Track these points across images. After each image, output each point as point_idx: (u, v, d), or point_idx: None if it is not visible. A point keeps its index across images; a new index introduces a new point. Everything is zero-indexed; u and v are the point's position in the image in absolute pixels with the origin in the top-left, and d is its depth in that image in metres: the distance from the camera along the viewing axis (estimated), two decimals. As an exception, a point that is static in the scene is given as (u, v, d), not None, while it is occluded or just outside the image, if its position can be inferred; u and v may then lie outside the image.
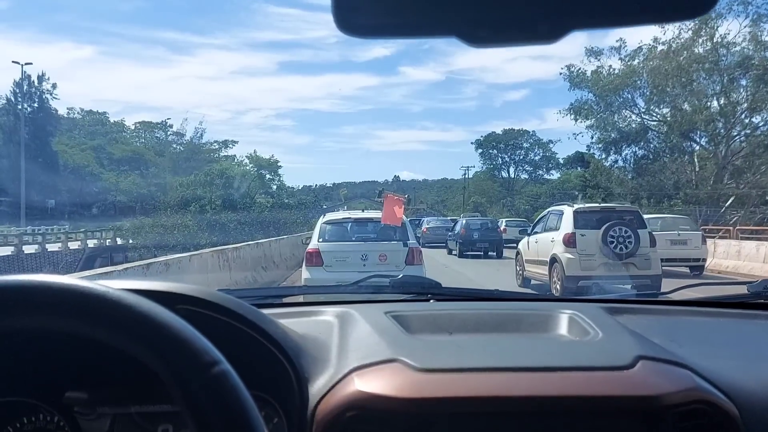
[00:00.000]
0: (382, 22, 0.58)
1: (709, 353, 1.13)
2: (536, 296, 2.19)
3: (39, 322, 0.63)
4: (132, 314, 0.62)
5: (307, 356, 1.01)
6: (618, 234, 10.61)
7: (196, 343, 0.61)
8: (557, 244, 11.01)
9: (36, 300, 0.62)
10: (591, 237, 10.76)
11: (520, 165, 75.73)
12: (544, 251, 11.53)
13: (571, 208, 11.47)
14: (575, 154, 72.22)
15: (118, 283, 0.78)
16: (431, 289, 1.69)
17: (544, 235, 11.87)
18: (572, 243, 10.76)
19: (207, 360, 0.60)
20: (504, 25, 0.56)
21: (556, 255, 10.95)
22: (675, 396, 0.94)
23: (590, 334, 1.14)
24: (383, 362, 1.00)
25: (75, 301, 0.62)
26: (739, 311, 1.54)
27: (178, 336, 0.61)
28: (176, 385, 0.59)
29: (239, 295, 1.23)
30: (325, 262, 8.60)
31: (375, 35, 0.58)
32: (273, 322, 1.01)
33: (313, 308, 1.40)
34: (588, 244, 10.72)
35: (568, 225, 11.05)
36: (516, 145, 74.68)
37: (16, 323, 0.63)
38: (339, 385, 0.96)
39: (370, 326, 1.18)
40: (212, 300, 0.94)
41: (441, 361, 1.00)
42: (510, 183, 73.39)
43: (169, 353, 0.61)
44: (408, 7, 0.57)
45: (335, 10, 0.56)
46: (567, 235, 10.86)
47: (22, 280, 0.63)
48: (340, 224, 9.37)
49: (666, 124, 33.01)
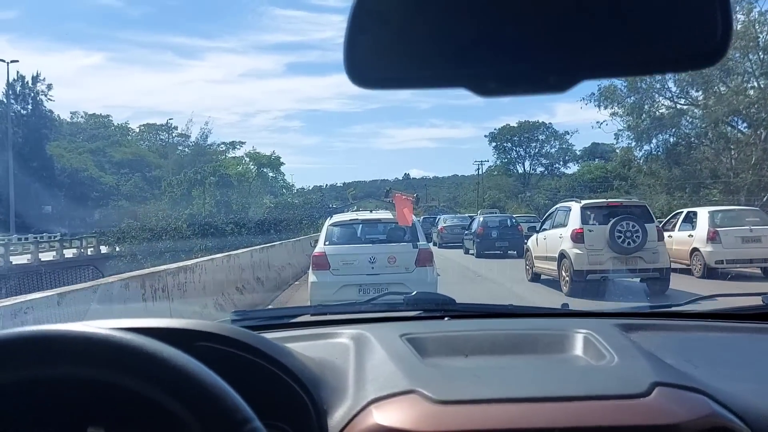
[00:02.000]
0: (393, 76, 0.60)
1: (724, 374, 1.15)
2: (550, 311, 1.84)
3: (69, 371, 0.65)
4: (166, 368, 0.64)
5: (325, 387, 1.03)
6: (625, 229, 10.70)
7: (228, 400, 0.63)
8: (565, 240, 11.18)
9: (70, 350, 0.64)
10: (599, 232, 10.89)
11: (535, 158, 73.01)
12: (553, 247, 11.71)
13: (578, 204, 11.58)
14: (593, 146, 69.61)
15: (136, 322, 0.85)
16: (445, 306, 1.69)
17: (552, 232, 12.06)
18: (580, 238, 10.94)
19: (239, 418, 0.62)
20: (514, 77, 0.58)
21: (564, 251, 11.12)
22: (692, 424, 0.94)
23: (606, 358, 1.15)
24: (401, 393, 1.00)
25: (108, 354, 0.64)
26: (755, 324, 1.55)
27: (212, 393, 0.63)
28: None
29: (253, 317, 1.50)
30: (332, 266, 8.20)
31: (387, 87, 0.61)
32: (291, 354, 1.03)
33: (329, 329, 1.41)
34: (596, 239, 10.85)
35: (575, 221, 11.21)
36: (531, 137, 71.92)
37: (41, 373, 0.66)
38: (358, 418, 0.97)
39: (386, 351, 1.19)
40: (231, 336, 0.96)
41: (458, 391, 1.01)
42: (526, 177, 70.71)
43: (203, 409, 0.62)
44: (419, 62, 0.59)
45: (348, 65, 0.58)
46: (575, 230, 11.04)
47: (51, 332, 0.65)
48: (348, 226, 9.03)
49: (701, 107, 30.28)
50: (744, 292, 2.17)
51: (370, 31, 0.58)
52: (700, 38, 0.56)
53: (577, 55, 0.56)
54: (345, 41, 0.58)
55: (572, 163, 70.87)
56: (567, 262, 11.00)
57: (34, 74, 51.66)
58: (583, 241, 10.90)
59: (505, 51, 0.57)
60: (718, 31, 0.56)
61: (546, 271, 12.32)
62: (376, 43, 0.59)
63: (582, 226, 11.03)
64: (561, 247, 11.28)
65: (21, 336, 0.68)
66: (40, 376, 0.66)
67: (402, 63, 0.59)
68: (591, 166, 60.60)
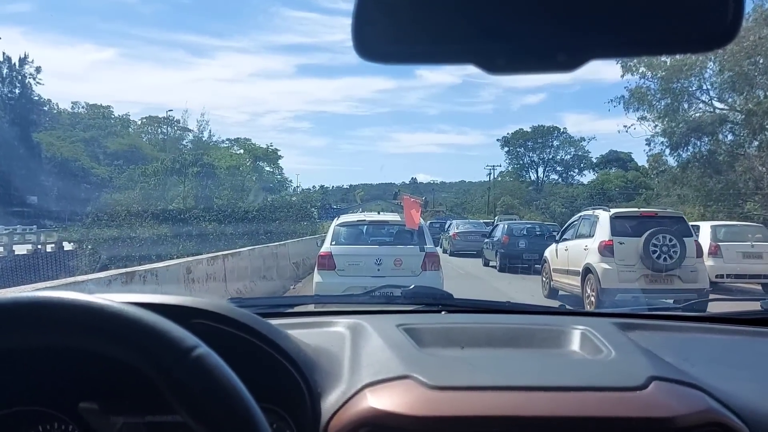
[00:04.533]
0: (401, 50, 0.59)
1: (722, 373, 1.13)
2: (548, 309, 1.83)
3: (18, 339, 0.64)
4: (104, 316, 0.63)
5: (320, 371, 1.02)
6: (661, 243, 9.46)
7: (171, 332, 0.63)
8: (592, 253, 9.95)
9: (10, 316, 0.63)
10: (630, 245, 9.62)
11: (549, 165, 70.00)
12: (576, 260, 10.47)
13: (607, 213, 10.23)
14: (610, 153, 66.67)
15: (130, 296, 0.83)
16: (443, 300, 1.70)
17: (575, 243, 10.82)
18: (609, 252, 9.69)
19: (185, 346, 0.62)
20: (522, 54, 0.58)
21: (590, 265, 9.88)
22: (688, 418, 0.93)
23: (603, 353, 1.14)
24: (396, 378, 0.99)
25: (49, 314, 0.63)
26: (753, 328, 1.53)
27: (153, 329, 0.63)
28: (161, 376, 0.61)
29: (251, 304, 1.42)
30: (337, 266, 8.24)
31: (394, 61, 0.60)
32: (287, 337, 1.01)
33: (325, 318, 1.40)
34: (627, 253, 9.62)
35: (604, 232, 9.92)
36: (544, 143, 69.01)
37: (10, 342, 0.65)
38: (352, 401, 0.96)
39: (382, 340, 1.18)
40: (226, 314, 0.94)
41: (454, 378, 1.00)
42: (538, 184, 67.76)
43: (148, 347, 0.62)
44: (427, 36, 0.58)
45: (356, 35, 0.58)
46: (603, 242, 9.80)
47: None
48: (355, 227, 8.99)
49: (743, 112, 27.33)
50: (743, 298, 2.42)
51: (378, 4, 0.58)
52: (711, 19, 0.56)
53: (586, 34, 0.55)
54: (353, 14, 0.57)
55: (588, 171, 67.87)
56: (593, 278, 9.75)
57: (21, 56, 48.62)
58: (613, 255, 9.61)
59: (514, 27, 0.56)
60: (729, 12, 0.55)
61: (566, 286, 11.11)
62: (385, 16, 0.58)
63: (612, 238, 9.67)
64: (586, 261, 9.97)
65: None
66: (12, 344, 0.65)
67: (409, 37, 0.58)
68: (610, 174, 57.64)
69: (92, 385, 0.94)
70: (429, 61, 0.60)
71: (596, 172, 64.56)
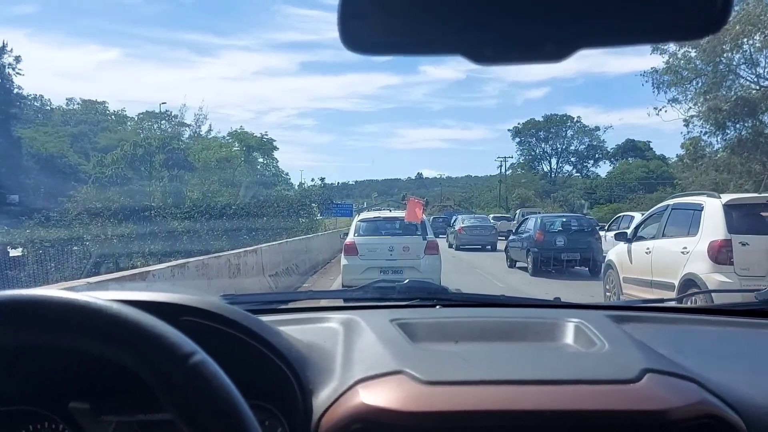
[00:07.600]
0: (388, 41, 0.59)
1: (716, 365, 1.13)
2: (542, 302, 1.75)
3: (10, 336, 0.63)
4: (103, 318, 0.62)
5: (311, 367, 1.01)
6: None
7: (170, 337, 0.62)
8: (696, 258, 7.03)
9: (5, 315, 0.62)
10: (758, 247, 6.69)
11: (562, 155, 66.77)
12: (667, 268, 7.57)
13: (718, 200, 7.24)
14: (627, 142, 63.41)
15: (119, 294, 0.81)
16: (437, 294, 1.69)
17: (663, 242, 7.97)
18: (726, 257, 6.74)
19: (183, 352, 0.61)
20: (510, 44, 0.58)
21: (694, 275, 6.97)
22: (682, 410, 0.93)
23: (596, 345, 1.13)
24: (388, 374, 0.99)
25: (51, 313, 0.62)
26: (747, 320, 1.51)
27: (152, 333, 0.62)
28: (158, 381, 0.61)
29: (243, 301, 1.40)
30: (359, 252, 10.39)
31: (381, 52, 0.60)
32: (278, 333, 1.01)
33: (319, 314, 1.39)
34: (753, 258, 6.69)
35: (716, 228, 6.96)
36: (557, 133, 65.77)
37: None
38: (344, 397, 0.96)
39: (376, 335, 1.18)
40: (216, 311, 0.93)
41: (447, 373, 1.00)
42: (551, 175, 64.56)
43: (146, 351, 0.61)
44: (413, 28, 0.58)
45: (342, 28, 0.57)
46: (716, 243, 6.83)
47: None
48: (372, 222, 11.20)
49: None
50: (737, 289, 2.05)
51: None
52: (700, 7, 0.56)
53: (574, 23, 0.55)
54: (339, 6, 0.57)
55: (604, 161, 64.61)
56: (700, 295, 6.51)
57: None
58: (732, 262, 6.79)
59: (501, 17, 0.56)
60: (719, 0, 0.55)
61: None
62: (370, 7, 0.57)
63: (729, 236, 6.84)
64: (686, 270, 7.20)
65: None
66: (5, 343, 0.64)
67: (396, 28, 0.58)
68: (630, 164, 54.35)
69: (83, 384, 0.93)
70: (415, 52, 0.59)
71: (613, 162, 61.31)
